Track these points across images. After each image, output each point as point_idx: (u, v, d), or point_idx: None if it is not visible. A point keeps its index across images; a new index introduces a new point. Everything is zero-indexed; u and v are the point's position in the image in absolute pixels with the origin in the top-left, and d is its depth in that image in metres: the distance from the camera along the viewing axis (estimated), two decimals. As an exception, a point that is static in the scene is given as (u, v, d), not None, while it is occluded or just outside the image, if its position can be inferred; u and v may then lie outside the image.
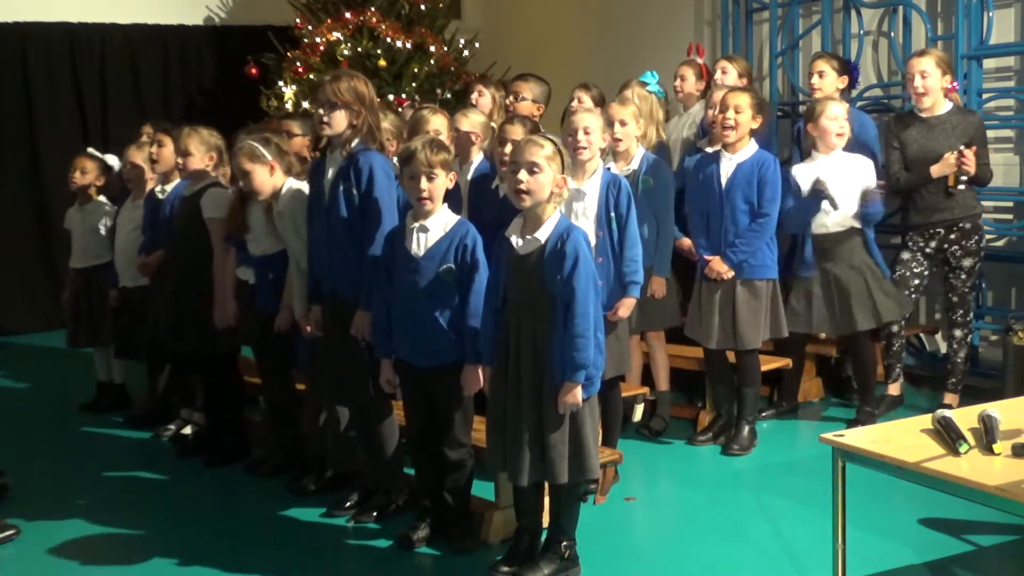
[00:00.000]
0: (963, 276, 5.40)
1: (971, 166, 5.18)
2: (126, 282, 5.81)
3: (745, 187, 4.92)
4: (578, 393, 3.46)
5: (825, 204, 5.05)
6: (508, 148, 4.32)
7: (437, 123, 4.74)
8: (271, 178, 4.56)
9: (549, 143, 3.55)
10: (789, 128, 6.47)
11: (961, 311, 5.46)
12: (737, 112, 4.91)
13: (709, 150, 5.31)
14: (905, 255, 5.49)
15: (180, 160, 5.07)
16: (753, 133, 4.99)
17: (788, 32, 7.14)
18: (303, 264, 4.42)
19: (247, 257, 4.83)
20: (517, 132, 4.37)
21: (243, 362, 5.44)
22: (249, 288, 4.82)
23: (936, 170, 5.26)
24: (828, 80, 5.70)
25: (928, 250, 5.44)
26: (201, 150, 5.02)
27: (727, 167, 4.97)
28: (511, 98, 5.61)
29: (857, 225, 5.18)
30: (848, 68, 5.91)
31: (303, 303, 4.41)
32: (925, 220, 5.39)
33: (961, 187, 5.25)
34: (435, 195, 3.79)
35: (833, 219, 5.15)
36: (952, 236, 5.36)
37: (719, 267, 4.97)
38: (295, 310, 4.49)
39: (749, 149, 4.96)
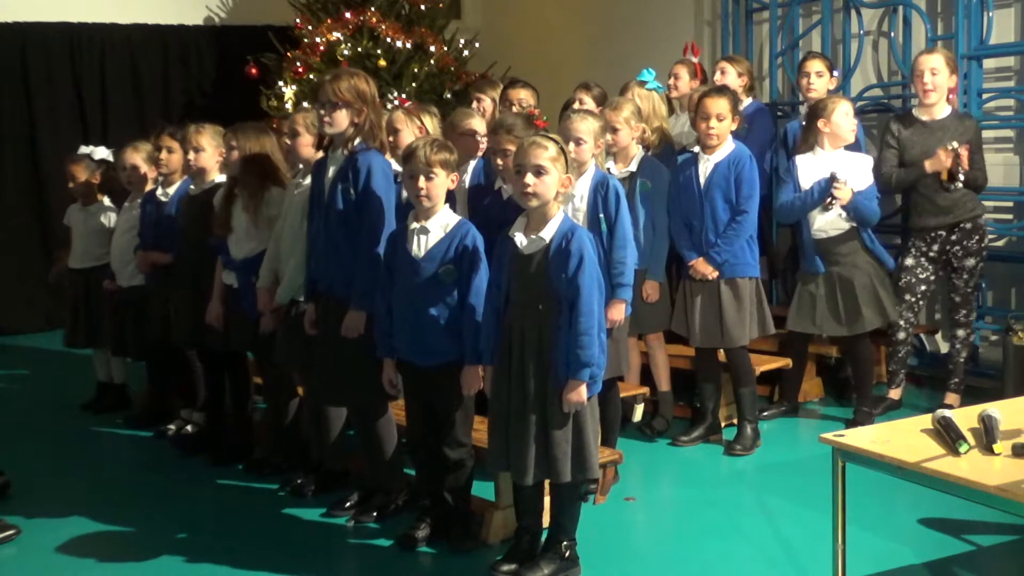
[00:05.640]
0: (966, 276, 5.40)
1: (964, 163, 5.17)
2: (122, 282, 5.82)
3: (724, 186, 4.92)
4: (583, 391, 3.46)
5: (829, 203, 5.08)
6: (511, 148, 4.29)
7: (399, 123, 4.68)
8: (312, 151, 4.48)
9: (553, 144, 3.56)
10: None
11: (964, 311, 5.46)
12: (719, 120, 4.90)
13: (695, 150, 5.31)
14: (909, 261, 5.48)
15: (192, 156, 5.05)
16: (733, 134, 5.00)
17: (788, 32, 7.14)
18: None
19: (230, 261, 4.83)
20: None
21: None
22: (234, 292, 4.82)
23: (929, 165, 5.25)
24: (824, 80, 5.71)
25: (931, 254, 5.43)
26: (212, 146, 5.03)
27: (705, 167, 4.97)
28: (515, 107, 5.57)
29: (853, 224, 5.19)
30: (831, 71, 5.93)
31: (285, 291, 4.44)
32: (926, 223, 5.38)
33: (956, 184, 5.24)
34: (433, 194, 3.79)
35: (829, 221, 5.16)
36: (954, 237, 5.36)
37: (703, 268, 4.97)
38: (277, 297, 4.50)
39: (726, 148, 4.96)
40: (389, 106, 6.30)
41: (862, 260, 5.19)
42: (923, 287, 5.50)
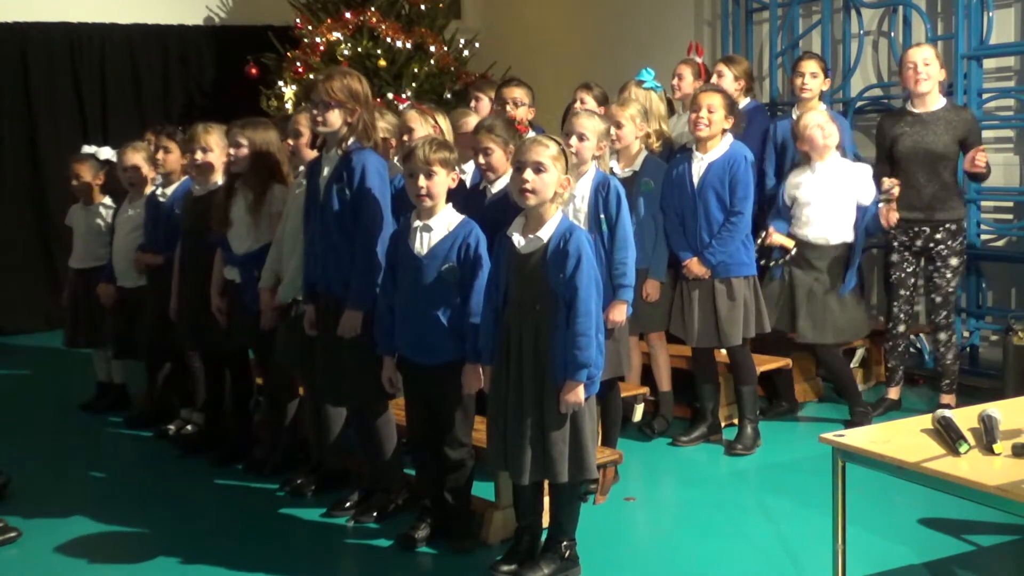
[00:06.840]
0: (948, 275, 5.38)
1: (981, 165, 5.16)
2: (124, 282, 5.81)
3: (718, 186, 4.91)
4: (580, 392, 3.46)
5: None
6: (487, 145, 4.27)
7: (413, 123, 4.67)
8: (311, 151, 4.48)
9: (554, 143, 3.56)
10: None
11: (945, 312, 5.42)
12: (710, 112, 4.90)
13: (693, 148, 5.30)
14: (894, 257, 5.47)
15: (200, 156, 5.03)
16: (726, 133, 4.98)
17: (788, 32, 7.15)
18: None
19: (232, 256, 4.83)
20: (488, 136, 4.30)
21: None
22: (236, 287, 4.82)
23: (883, 220, 5.29)
24: (818, 82, 5.69)
25: (915, 248, 5.43)
26: (220, 146, 5.01)
27: (698, 166, 4.96)
28: (510, 105, 5.56)
29: (847, 240, 5.20)
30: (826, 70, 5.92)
31: (287, 290, 4.44)
32: (910, 215, 5.36)
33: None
34: (434, 193, 3.79)
35: (814, 231, 5.17)
36: (938, 235, 5.35)
37: (697, 268, 4.97)
38: (279, 295, 4.50)
39: (721, 148, 4.95)
40: (401, 106, 6.30)
41: (824, 277, 5.21)
42: (913, 279, 5.48)
